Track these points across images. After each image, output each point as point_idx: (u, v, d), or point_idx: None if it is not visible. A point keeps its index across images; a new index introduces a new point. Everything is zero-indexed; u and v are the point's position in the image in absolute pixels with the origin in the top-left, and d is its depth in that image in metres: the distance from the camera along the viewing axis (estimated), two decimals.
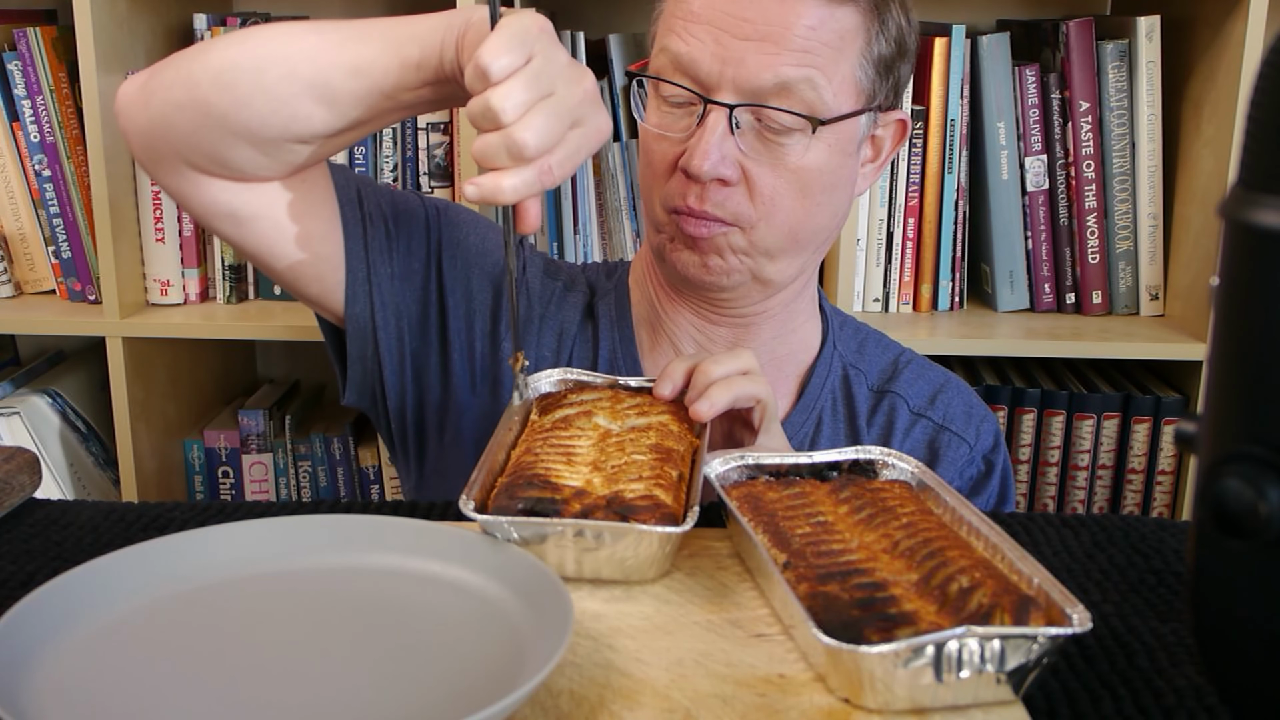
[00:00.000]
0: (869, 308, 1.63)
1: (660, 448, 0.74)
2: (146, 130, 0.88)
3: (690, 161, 0.92)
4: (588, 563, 0.66)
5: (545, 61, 0.72)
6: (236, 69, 0.83)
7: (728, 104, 0.92)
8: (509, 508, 0.66)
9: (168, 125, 0.86)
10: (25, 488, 0.81)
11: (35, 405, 1.63)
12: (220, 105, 0.83)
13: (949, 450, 1.05)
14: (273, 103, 0.82)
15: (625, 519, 0.65)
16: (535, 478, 0.69)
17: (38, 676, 0.53)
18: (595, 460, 0.73)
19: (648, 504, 0.66)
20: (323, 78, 0.81)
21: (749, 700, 0.55)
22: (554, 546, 0.65)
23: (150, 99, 0.87)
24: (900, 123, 1.02)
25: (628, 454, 0.73)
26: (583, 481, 0.70)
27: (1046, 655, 0.54)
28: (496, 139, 0.71)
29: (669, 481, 0.70)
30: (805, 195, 0.95)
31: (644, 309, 1.07)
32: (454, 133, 1.57)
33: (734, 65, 0.91)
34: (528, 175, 0.72)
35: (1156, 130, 1.56)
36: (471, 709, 0.48)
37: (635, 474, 0.70)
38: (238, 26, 1.57)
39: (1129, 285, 1.61)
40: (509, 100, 0.70)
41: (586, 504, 0.67)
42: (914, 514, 0.67)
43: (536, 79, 0.71)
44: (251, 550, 0.65)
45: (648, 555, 0.65)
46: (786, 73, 0.91)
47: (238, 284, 1.64)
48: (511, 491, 0.67)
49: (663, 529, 0.64)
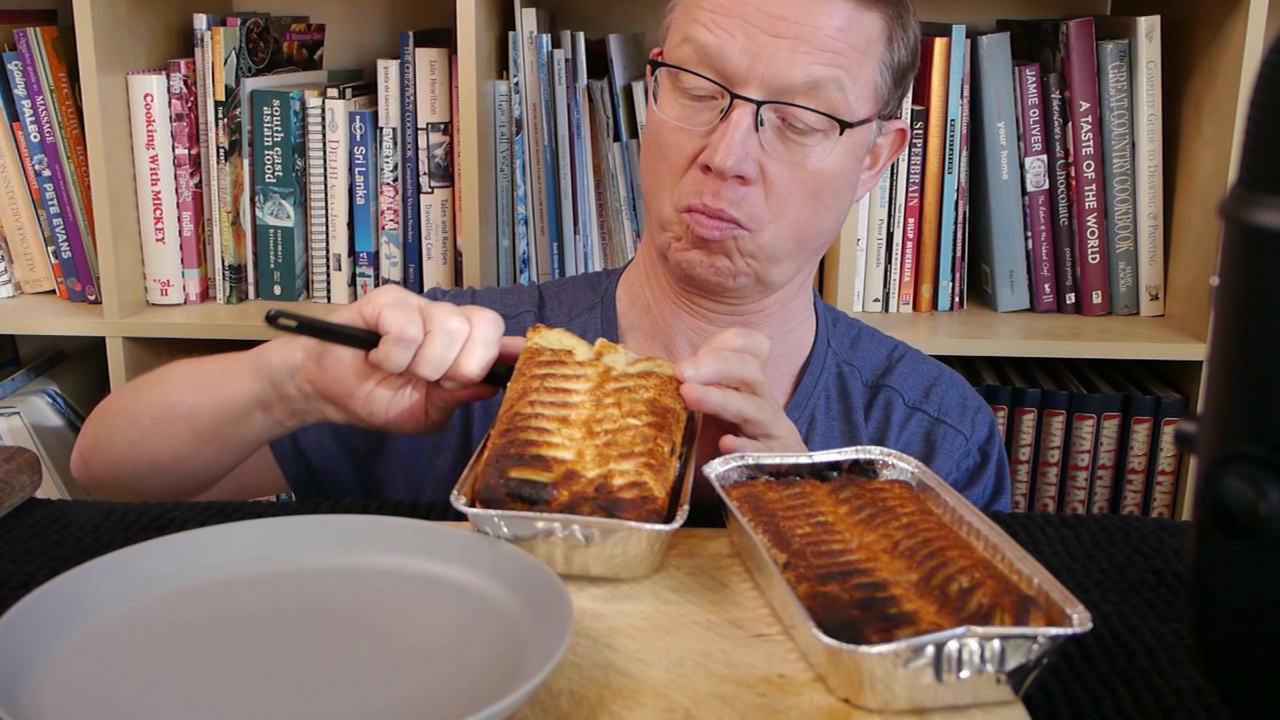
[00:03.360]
0: (869, 308, 1.63)
1: (657, 405, 0.74)
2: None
3: (714, 157, 0.91)
4: (577, 559, 0.66)
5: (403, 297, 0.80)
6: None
7: (755, 100, 0.91)
8: (497, 487, 0.66)
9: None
10: (25, 488, 0.81)
11: (35, 405, 1.63)
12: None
13: (945, 443, 1.05)
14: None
15: (611, 515, 0.65)
16: (526, 447, 0.69)
17: (37, 676, 0.53)
18: (590, 418, 0.73)
19: (634, 496, 0.66)
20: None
21: (749, 700, 0.55)
22: (543, 542, 0.65)
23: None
24: (900, 132, 1.02)
25: (623, 415, 0.73)
26: (574, 454, 0.69)
27: (1046, 655, 0.54)
28: (381, 351, 0.78)
29: (660, 459, 0.70)
30: (817, 198, 0.95)
31: (635, 316, 1.07)
32: (454, 133, 1.57)
33: (764, 61, 0.90)
34: (434, 342, 0.77)
35: (1156, 130, 1.56)
36: (471, 709, 0.48)
37: (627, 447, 0.70)
38: (238, 26, 1.57)
39: (1129, 285, 1.61)
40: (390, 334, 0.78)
41: (575, 493, 0.66)
42: (914, 514, 0.67)
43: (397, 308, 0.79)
44: (251, 550, 0.65)
45: (637, 553, 0.66)
46: (816, 72, 0.90)
47: (238, 284, 1.64)
48: (501, 465, 0.67)
49: (652, 527, 0.64)
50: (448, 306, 0.79)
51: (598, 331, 1.06)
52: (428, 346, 0.78)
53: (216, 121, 1.57)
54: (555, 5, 1.75)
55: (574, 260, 1.59)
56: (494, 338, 0.79)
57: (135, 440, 0.94)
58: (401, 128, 1.58)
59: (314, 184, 1.60)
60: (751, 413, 0.79)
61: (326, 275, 1.64)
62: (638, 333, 1.06)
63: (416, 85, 1.56)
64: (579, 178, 1.57)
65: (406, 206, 1.61)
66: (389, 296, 0.79)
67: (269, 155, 1.59)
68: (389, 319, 0.78)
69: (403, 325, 0.77)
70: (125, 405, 0.98)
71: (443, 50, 1.56)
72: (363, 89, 1.64)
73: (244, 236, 1.63)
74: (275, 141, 1.58)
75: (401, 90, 1.57)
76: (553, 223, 1.59)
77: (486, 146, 1.55)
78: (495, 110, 1.57)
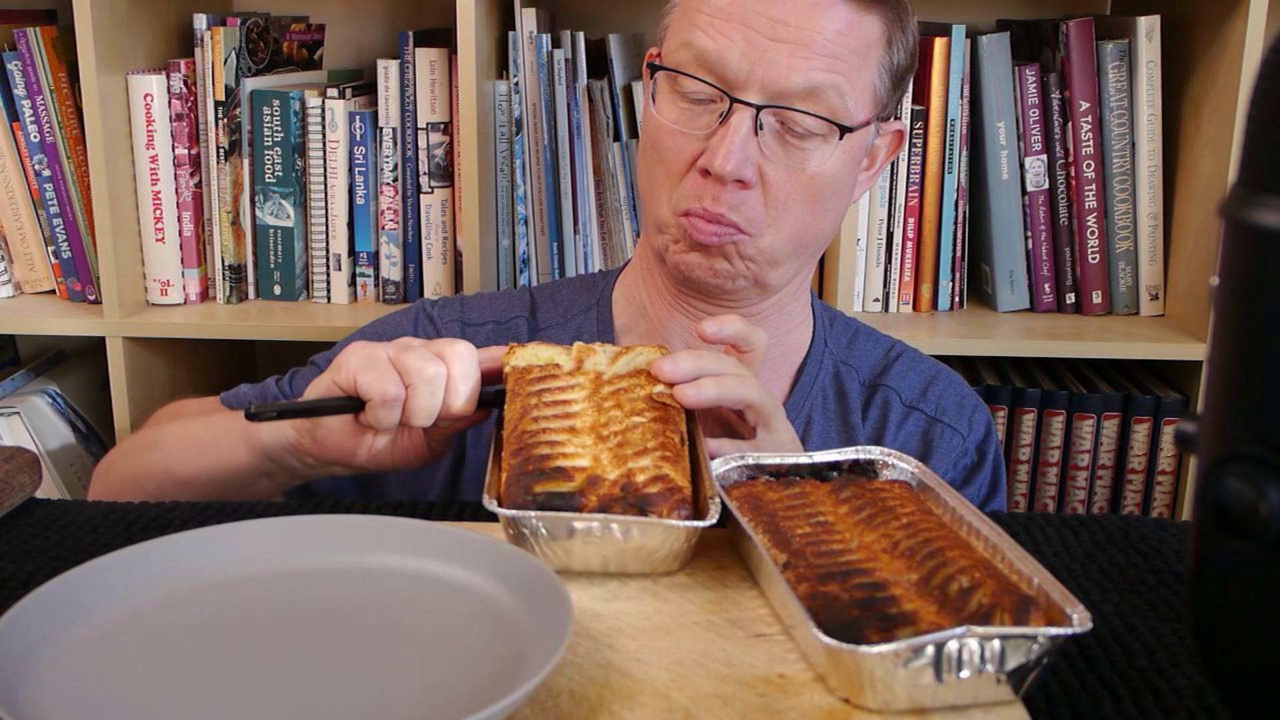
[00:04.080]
0: (869, 308, 1.62)
1: (655, 400, 0.75)
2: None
3: (713, 161, 0.91)
4: (614, 558, 0.66)
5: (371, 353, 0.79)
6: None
7: (754, 104, 0.91)
8: (527, 505, 0.66)
9: None
10: (25, 488, 0.81)
11: (35, 405, 1.63)
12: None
13: (942, 442, 1.05)
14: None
15: (644, 511, 0.66)
16: (544, 461, 0.69)
17: (37, 677, 0.53)
18: (595, 424, 0.73)
19: (661, 489, 0.67)
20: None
21: (749, 700, 0.55)
22: (581, 543, 0.65)
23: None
24: (897, 133, 1.03)
25: (626, 415, 0.73)
26: (590, 459, 0.70)
27: (1046, 655, 0.54)
28: (370, 417, 0.78)
29: (674, 450, 0.70)
30: (816, 201, 0.95)
31: (631, 318, 1.07)
32: (454, 133, 1.57)
33: (764, 66, 0.90)
34: (418, 395, 0.77)
35: (1156, 130, 1.56)
36: (471, 709, 0.48)
37: (639, 444, 0.70)
38: (238, 26, 1.57)
39: (1129, 285, 1.61)
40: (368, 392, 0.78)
41: (602, 496, 0.67)
42: (914, 514, 0.67)
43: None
44: (251, 550, 0.65)
45: (675, 548, 0.66)
46: (815, 77, 0.90)
47: (238, 284, 1.64)
48: (524, 483, 0.67)
49: (689, 524, 0.65)
50: (419, 352, 0.78)
51: (593, 334, 1.06)
52: (412, 400, 0.77)
53: (216, 121, 1.57)
54: (555, 5, 1.75)
55: (574, 260, 1.59)
56: (472, 370, 0.79)
57: (143, 492, 0.96)
58: (401, 128, 1.58)
59: (314, 184, 1.60)
60: (752, 397, 0.79)
61: (326, 275, 1.64)
62: (634, 335, 1.06)
63: (416, 85, 1.56)
64: (579, 178, 1.57)
65: (406, 206, 1.61)
66: (357, 359, 0.79)
67: (269, 155, 1.59)
68: (366, 384, 0.77)
69: (382, 389, 0.77)
70: (128, 471, 1.00)
71: (443, 50, 1.56)
72: (363, 89, 1.64)
73: (244, 236, 1.63)
74: (275, 141, 1.58)
75: (401, 90, 1.57)
76: (553, 223, 1.59)
77: (486, 146, 1.55)
78: (495, 110, 1.57)
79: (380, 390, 0.77)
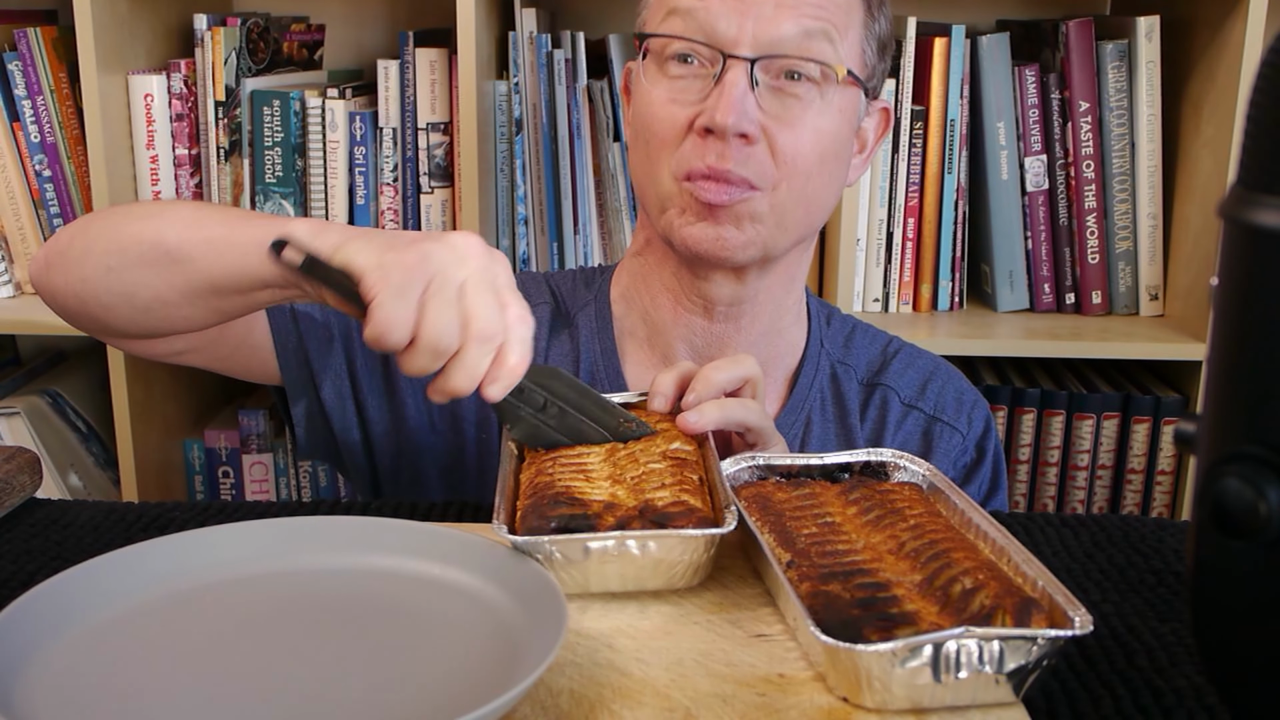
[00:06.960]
0: (869, 308, 1.62)
1: (671, 454, 0.73)
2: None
3: (714, 117, 0.90)
4: (632, 575, 0.65)
5: (407, 274, 0.68)
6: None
7: (748, 57, 0.91)
8: (541, 528, 0.64)
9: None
10: (25, 488, 0.81)
11: (35, 405, 1.63)
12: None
13: (942, 440, 1.05)
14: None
15: (663, 526, 0.64)
16: (560, 495, 0.67)
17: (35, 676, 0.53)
18: (612, 474, 0.72)
19: (681, 509, 0.65)
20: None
21: (749, 700, 0.55)
22: (598, 563, 0.64)
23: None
24: (884, 111, 1.03)
25: (643, 464, 0.72)
26: (607, 495, 0.68)
27: (1046, 657, 0.54)
28: (412, 354, 0.68)
29: (693, 486, 0.69)
30: (821, 160, 0.95)
31: (631, 323, 1.06)
32: (454, 133, 1.57)
33: (752, 19, 0.91)
34: (469, 357, 0.68)
35: (1156, 130, 1.56)
36: (467, 708, 0.48)
37: (658, 482, 0.69)
38: (238, 27, 1.57)
39: (1129, 285, 1.61)
40: (391, 332, 0.67)
41: (620, 516, 0.65)
42: (922, 516, 0.67)
43: (402, 292, 0.68)
44: (251, 550, 0.65)
45: (694, 560, 0.65)
46: (805, 23, 0.91)
47: None
48: (540, 512, 0.65)
49: (706, 531, 0.63)
50: (485, 299, 0.69)
51: (593, 328, 1.05)
52: (456, 363, 0.69)
53: (216, 122, 1.57)
54: (555, 5, 1.75)
55: (574, 260, 1.59)
56: (525, 357, 0.71)
57: (114, 266, 0.83)
58: (401, 128, 1.58)
59: (314, 184, 1.60)
60: (753, 420, 0.80)
61: None
62: (635, 340, 1.05)
63: (416, 85, 1.56)
64: (579, 178, 1.57)
65: (406, 206, 1.61)
66: (439, 282, 0.68)
67: (269, 155, 1.59)
68: (431, 321, 0.67)
69: (439, 333, 0.67)
70: (113, 225, 0.86)
71: (443, 50, 1.56)
72: (363, 89, 1.64)
73: None
74: (275, 142, 1.58)
75: (401, 90, 1.57)
76: (553, 223, 1.59)
77: (486, 146, 1.55)
78: (495, 110, 1.57)
79: (437, 335, 0.67)
